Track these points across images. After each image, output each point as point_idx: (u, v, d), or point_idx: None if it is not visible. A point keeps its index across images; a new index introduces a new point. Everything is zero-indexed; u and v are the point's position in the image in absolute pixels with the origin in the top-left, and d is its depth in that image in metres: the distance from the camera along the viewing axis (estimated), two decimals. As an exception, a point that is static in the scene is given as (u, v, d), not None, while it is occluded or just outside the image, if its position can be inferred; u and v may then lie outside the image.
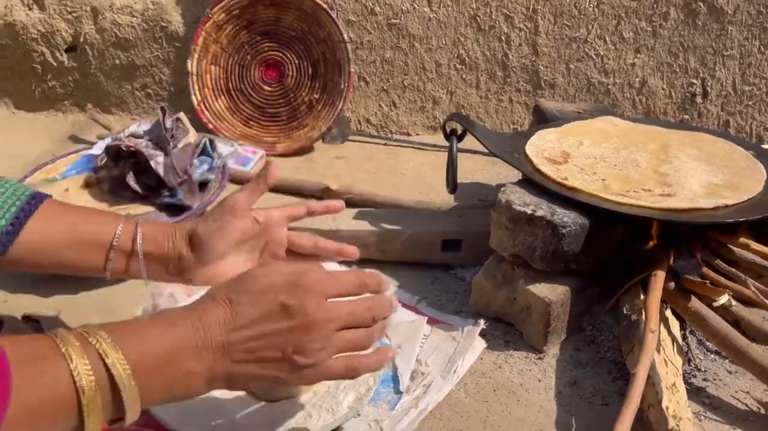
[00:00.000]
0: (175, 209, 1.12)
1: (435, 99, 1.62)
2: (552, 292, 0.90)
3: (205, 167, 1.13)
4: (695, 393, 0.83)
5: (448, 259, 1.13)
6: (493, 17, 1.54)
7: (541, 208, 0.91)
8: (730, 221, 0.86)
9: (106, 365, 0.45)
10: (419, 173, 1.49)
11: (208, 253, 0.73)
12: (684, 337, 0.93)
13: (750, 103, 1.55)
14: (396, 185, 1.44)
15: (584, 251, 0.91)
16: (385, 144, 1.62)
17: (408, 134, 1.65)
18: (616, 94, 1.57)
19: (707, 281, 0.85)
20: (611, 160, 1.04)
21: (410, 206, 1.27)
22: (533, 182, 0.98)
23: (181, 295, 1.02)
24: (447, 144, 1.08)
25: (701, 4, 1.49)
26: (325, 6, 1.49)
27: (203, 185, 1.17)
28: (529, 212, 0.90)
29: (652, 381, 0.74)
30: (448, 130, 1.09)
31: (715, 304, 0.82)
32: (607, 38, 1.53)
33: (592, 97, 1.57)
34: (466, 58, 1.57)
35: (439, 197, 1.35)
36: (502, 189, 0.98)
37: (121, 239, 0.73)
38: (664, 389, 0.72)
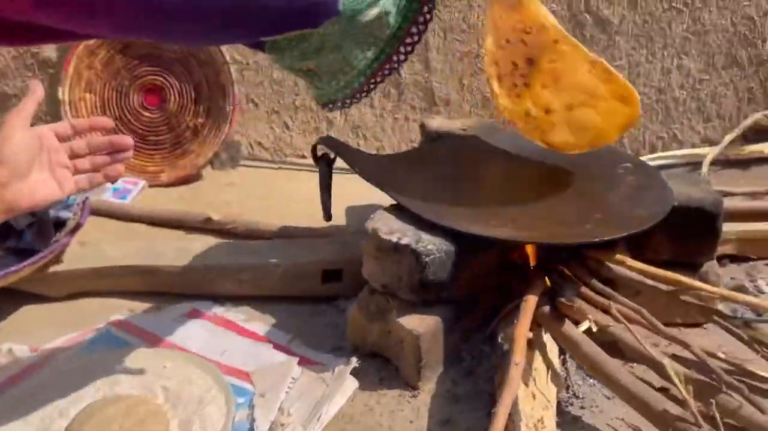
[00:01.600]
0: (26, 254, 1.01)
1: (329, 119, 1.57)
2: (422, 324, 0.85)
3: (59, 204, 1.04)
4: (571, 423, 0.79)
5: (330, 290, 1.07)
6: (382, 34, 1.50)
7: (407, 235, 0.86)
8: (596, 240, 0.83)
9: None
10: (314, 197, 1.43)
11: (17, 163, 0.74)
12: (564, 362, 0.89)
13: (641, 112, 1.55)
14: (288, 212, 1.37)
15: (455, 279, 0.86)
16: (279, 168, 1.55)
17: (303, 157, 1.58)
18: (510, 107, 1.55)
19: (574, 305, 0.82)
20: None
21: (297, 235, 1.21)
22: (404, 208, 0.92)
23: (23, 351, 0.92)
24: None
25: (587, 15, 1.49)
26: (204, 27, 1.42)
27: (61, 225, 1.07)
28: (395, 240, 0.85)
29: (513, 418, 0.70)
30: (319, 154, 1.04)
31: (579, 328, 0.78)
32: (498, 52, 1.51)
33: (488, 113, 1.55)
34: (358, 77, 1.52)
35: (332, 223, 1.29)
36: (371, 216, 0.93)
37: None
38: (523, 428, 0.68)
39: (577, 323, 0.84)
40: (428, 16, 0.60)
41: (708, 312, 0.88)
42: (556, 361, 0.86)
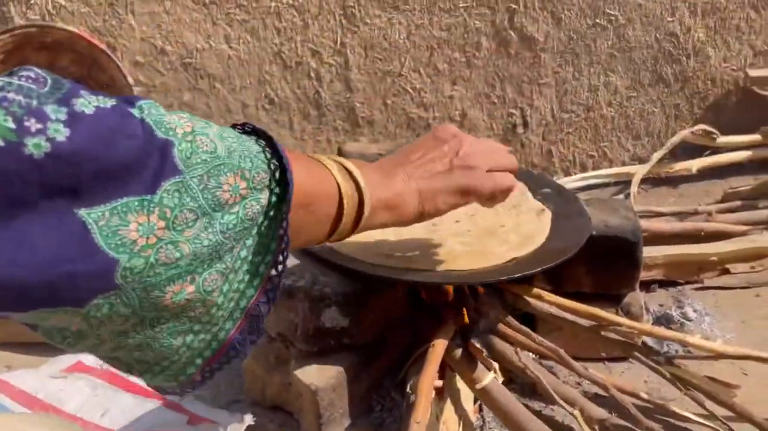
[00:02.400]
0: None
1: (247, 143, 1.48)
2: (321, 376, 0.77)
3: None
4: (484, 479, 0.73)
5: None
6: (299, 53, 1.43)
7: (303, 277, 0.78)
8: (504, 279, 0.77)
9: (350, 172, 0.51)
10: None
11: None
12: (480, 409, 0.82)
13: (570, 130, 1.52)
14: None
15: (358, 323, 0.79)
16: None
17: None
18: (437, 128, 1.49)
19: (483, 351, 0.75)
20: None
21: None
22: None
23: None
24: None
25: (512, 32, 1.45)
26: (103, 47, 1.32)
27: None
28: (289, 283, 0.77)
29: (410, 489, 0.62)
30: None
31: (478, 386, 0.72)
32: (422, 71, 1.46)
33: (414, 133, 1.49)
34: (275, 98, 1.45)
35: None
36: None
37: None
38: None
39: (489, 367, 0.78)
40: (278, 280, 0.44)
41: (629, 348, 0.83)
42: (470, 409, 0.79)
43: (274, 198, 0.42)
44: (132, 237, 0.36)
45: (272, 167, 0.42)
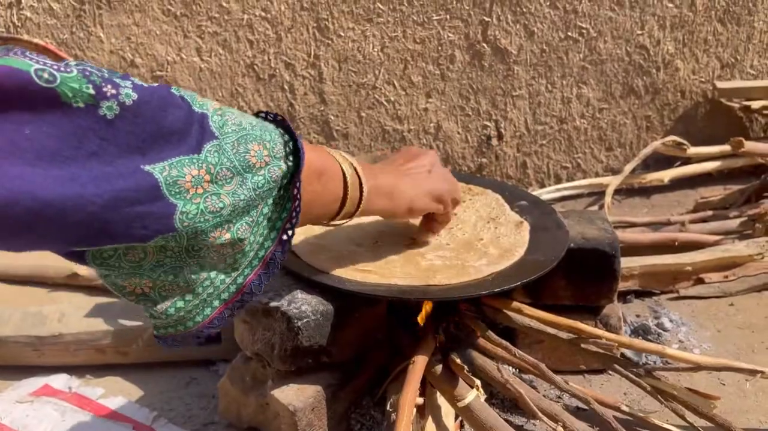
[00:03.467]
0: None
1: (220, 157, 1.45)
2: (299, 396, 0.75)
3: None
4: (467, 499, 0.71)
5: (209, 353, 0.96)
6: (273, 65, 1.41)
7: (280, 295, 0.76)
8: (484, 293, 0.76)
9: (346, 159, 0.60)
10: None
11: None
12: (462, 425, 0.81)
13: (544, 142, 1.53)
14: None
15: (336, 341, 0.77)
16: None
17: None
18: (412, 140, 1.49)
19: (464, 367, 0.74)
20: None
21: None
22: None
23: None
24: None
25: (485, 45, 1.45)
26: (68, 59, 1.29)
27: None
28: (264, 301, 0.75)
29: None
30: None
31: (460, 404, 0.71)
32: (396, 83, 1.45)
33: (388, 146, 1.48)
34: (248, 111, 1.43)
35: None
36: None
37: None
38: None
39: (470, 384, 0.77)
40: (291, 232, 0.53)
41: (609, 361, 0.83)
42: (451, 426, 0.77)
43: (291, 164, 0.51)
44: (186, 187, 0.44)
45: (285, 139, 0.51)
